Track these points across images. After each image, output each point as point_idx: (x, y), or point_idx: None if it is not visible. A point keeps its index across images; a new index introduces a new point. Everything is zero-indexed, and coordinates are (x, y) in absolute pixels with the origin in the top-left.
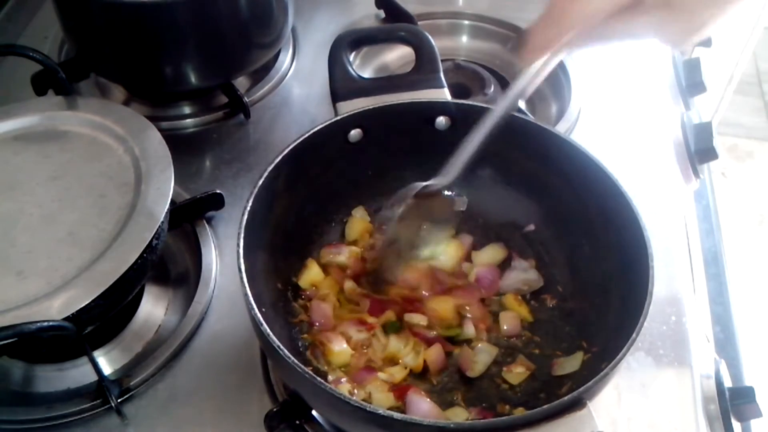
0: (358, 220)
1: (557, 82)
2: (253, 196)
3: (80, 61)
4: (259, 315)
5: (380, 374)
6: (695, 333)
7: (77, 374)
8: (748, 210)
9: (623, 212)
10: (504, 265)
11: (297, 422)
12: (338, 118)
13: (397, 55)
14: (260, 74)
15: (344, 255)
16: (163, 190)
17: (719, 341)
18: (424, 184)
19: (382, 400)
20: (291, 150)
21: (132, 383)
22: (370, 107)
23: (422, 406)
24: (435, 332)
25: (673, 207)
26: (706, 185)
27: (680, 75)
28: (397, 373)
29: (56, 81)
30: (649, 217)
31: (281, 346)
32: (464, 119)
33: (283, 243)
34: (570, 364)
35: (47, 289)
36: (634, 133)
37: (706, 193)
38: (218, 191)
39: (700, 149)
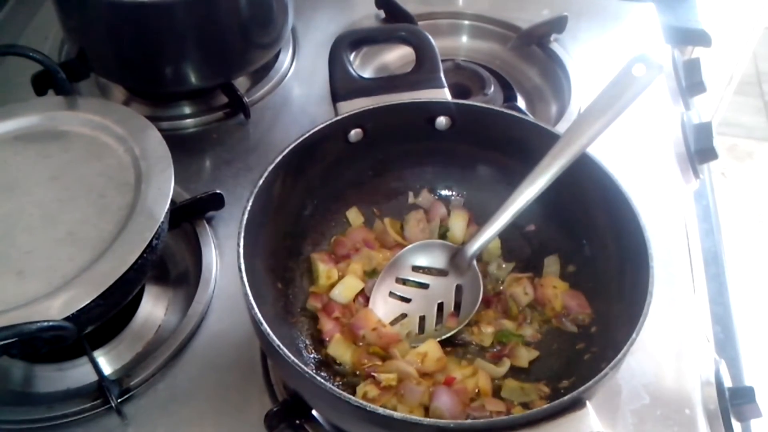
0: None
1: (557, 82)
2: (253, 196)
3: (80, 61)
4: (259, 315)
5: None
6: (695, 333)
7: (77, 374)
8: (748, 210)
9: (623, 212)
10: None
11: (297, 422)
12: (338, 118)
13: (397, 55)
14: (260, 74)
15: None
16: (163, 190)
17: (719, 341)
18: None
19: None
20: (291, 150)
21: (132, 383)
22: (370, 107)
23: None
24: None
25: (673, 207)
26: (706, 185)
27: (680, 75)
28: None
29: (56, 81)
30: (649, 217)
31: (281, 346)
32: (464, 119)
33: (283, 243)
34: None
35: (47, 289)
36: (635, 133)
37: (706, 193)
38: (218, 191)
39: (700, 149)
